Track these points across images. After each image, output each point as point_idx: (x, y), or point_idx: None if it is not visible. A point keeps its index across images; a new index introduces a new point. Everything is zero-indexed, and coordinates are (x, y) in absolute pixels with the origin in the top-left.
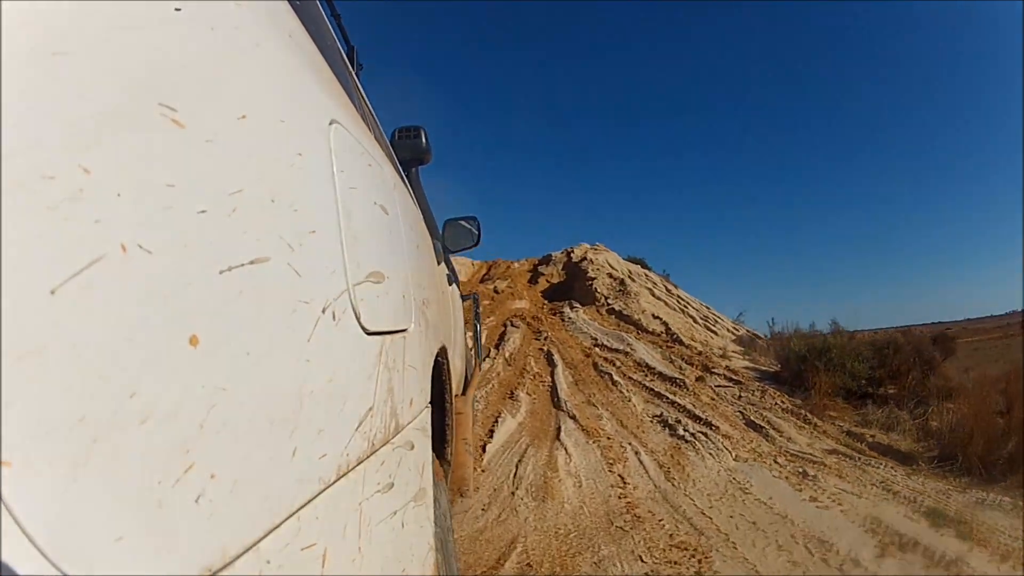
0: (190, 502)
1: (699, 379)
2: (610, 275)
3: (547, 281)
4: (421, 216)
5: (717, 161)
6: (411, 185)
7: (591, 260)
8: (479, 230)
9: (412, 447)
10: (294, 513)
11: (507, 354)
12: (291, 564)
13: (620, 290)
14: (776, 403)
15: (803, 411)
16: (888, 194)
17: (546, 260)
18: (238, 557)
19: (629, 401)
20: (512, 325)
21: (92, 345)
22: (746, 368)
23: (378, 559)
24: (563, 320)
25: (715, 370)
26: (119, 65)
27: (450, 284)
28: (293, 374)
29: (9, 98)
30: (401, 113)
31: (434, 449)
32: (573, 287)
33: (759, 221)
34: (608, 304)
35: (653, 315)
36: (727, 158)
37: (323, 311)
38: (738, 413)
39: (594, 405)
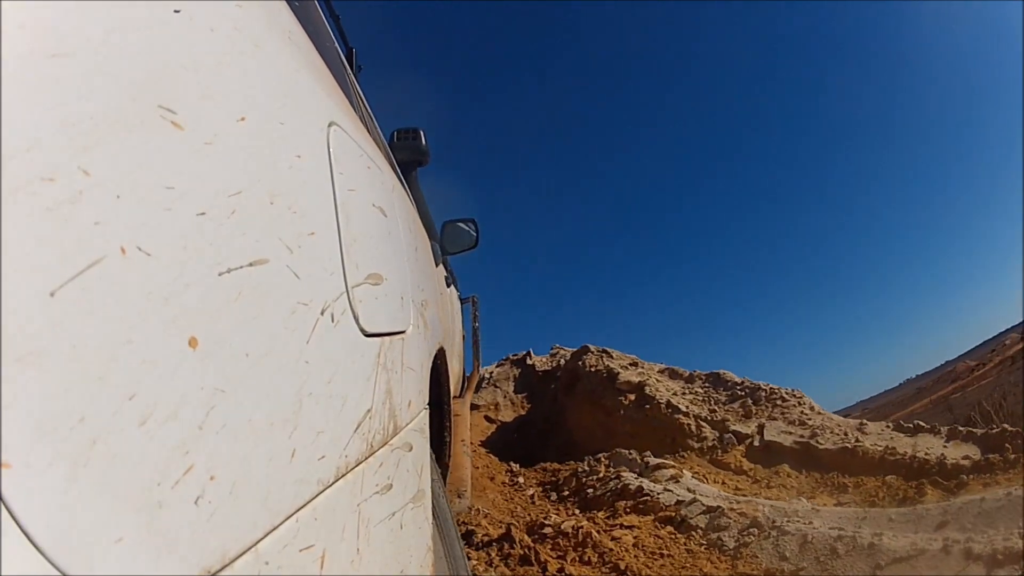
0: (189, 503)
1: None
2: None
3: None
4: (419, 218)
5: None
6: (410, 187)
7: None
8: (478, 231)
9: (411, 448)
10: (293, 514)
11: None
12: (290, 565)
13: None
14: None
15: None
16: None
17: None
18: (237, 558)
19: None
20: None
21: (92, 346)
22: None
23: (377, 560)
24: None
25: None
26: (119, 66)
27: (448, 286)
28: (292, 376)
29: (9, 98)
30: (400, 114)
31: (432, 451)
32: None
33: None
34: None
35: None
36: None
37: (322, 313)
38: None
39: None
